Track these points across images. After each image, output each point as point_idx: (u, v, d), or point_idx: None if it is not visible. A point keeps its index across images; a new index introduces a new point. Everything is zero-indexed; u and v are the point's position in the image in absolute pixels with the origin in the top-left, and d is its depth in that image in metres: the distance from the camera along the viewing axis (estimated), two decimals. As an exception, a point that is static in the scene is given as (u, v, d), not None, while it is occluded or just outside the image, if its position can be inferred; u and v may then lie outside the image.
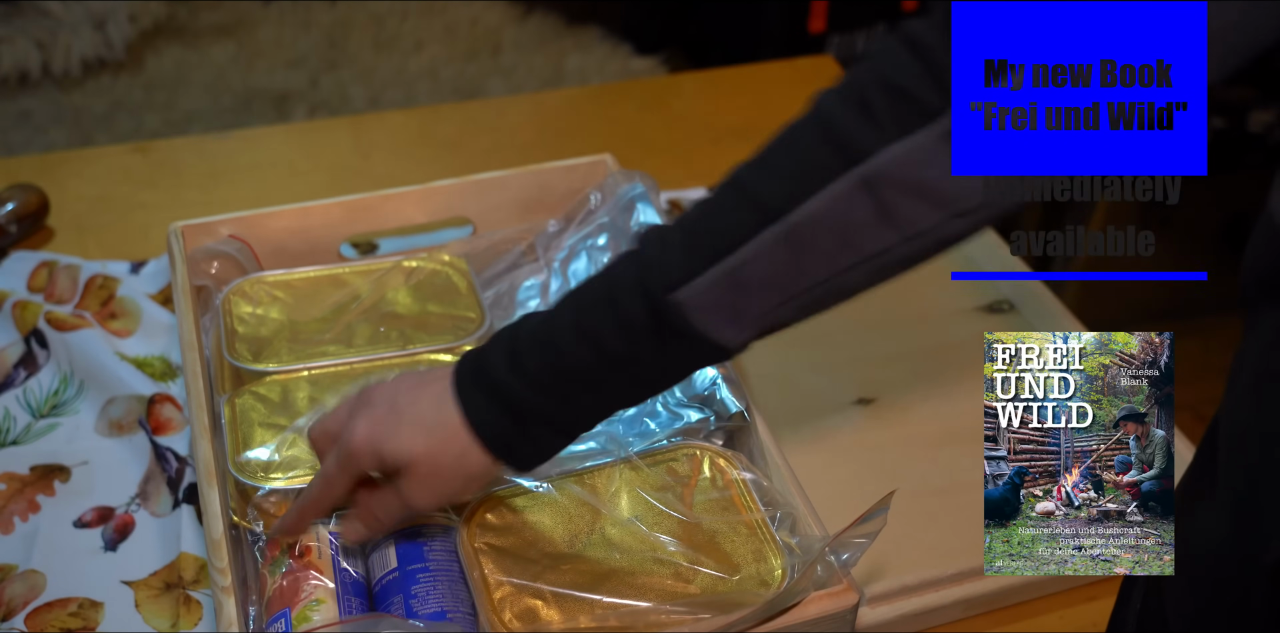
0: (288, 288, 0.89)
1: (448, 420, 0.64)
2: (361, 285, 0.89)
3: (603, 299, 0.62)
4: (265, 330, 0.85)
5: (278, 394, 0.80)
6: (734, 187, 0.61)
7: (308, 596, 0.68)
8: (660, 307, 0.60)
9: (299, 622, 0.67)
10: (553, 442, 0.66)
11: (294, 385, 0.81)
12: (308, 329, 0.85)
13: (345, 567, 0.71)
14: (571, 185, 0.97)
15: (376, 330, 0.85)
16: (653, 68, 2.40)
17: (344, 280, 0.90)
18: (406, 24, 2.44)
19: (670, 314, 0.60)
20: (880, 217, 0.57)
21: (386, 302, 0.88)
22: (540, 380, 0.63)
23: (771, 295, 0.60)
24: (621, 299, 0.61)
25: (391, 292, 0.89)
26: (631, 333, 0.61)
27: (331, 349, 0.84)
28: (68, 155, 1.23)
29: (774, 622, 0.66)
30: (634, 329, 0.61)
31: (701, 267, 0.60)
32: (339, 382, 0.81)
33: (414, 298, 0.88)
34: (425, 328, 0.86)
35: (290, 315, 0.86)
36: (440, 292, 0.89)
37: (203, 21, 2.41)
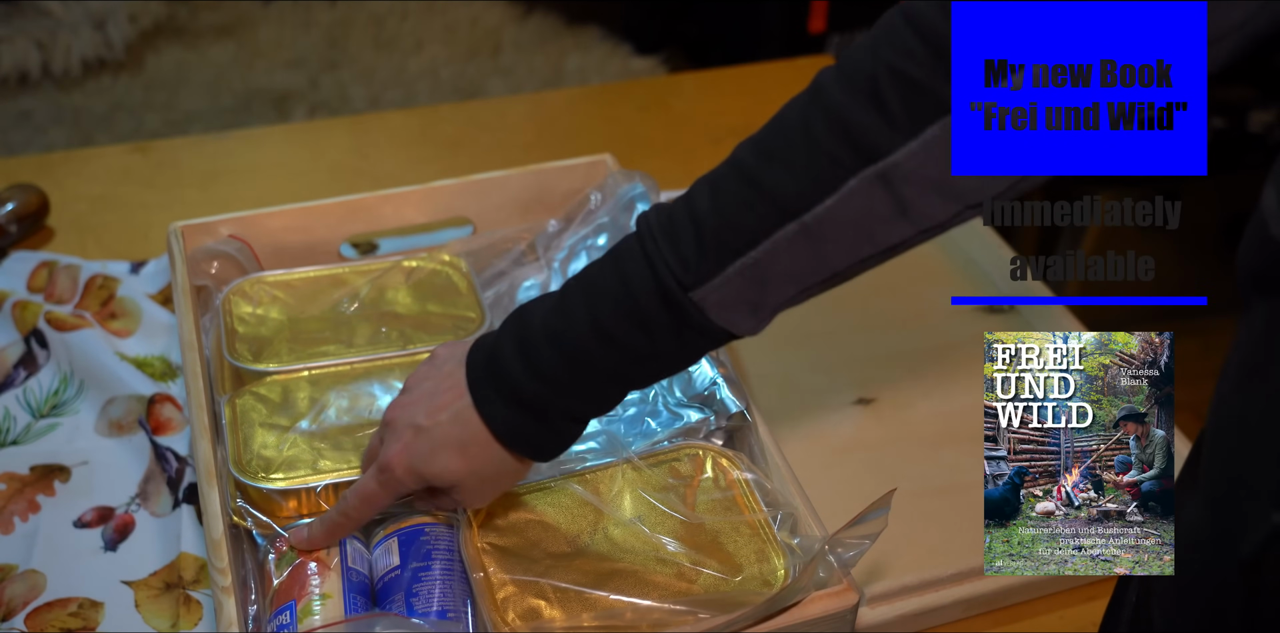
0: (288, 288, 0.89)
1: (475, 434, 0.64)
2: (361, 285, 0.89)
3: (617, 295, 0.62)
4: (265, 330, 0.85)
5: (278, 394, 0.80)
6: (746, 181, 0.60)
7: (313, 591, 0.68)
8: (680, 305, 0.60)
9: (303, 615, 0.67)
10: (573, 429, 0.66)
11: (294, 385, 0.81)
12: (308, 329, 0.85)
13: (351, 565, 0.71)
14: (571, 185, 0.97)
15: (377, 330, 0.85)
16: (653, 68, 2.40)
17: (344, 280, 0.90)
18: (406, 24, 2.44)
19: (690, 312, 0.60)
20: (898, 211, 0.58)
21: (386, 301, 0.88)
22: (559, 379, 0.63)
23: (789, 287, 0.61)
24: (638, 297, 0.61)
25: (391, 291, 0.89)
26: (650, 331, 0.61)
27: (331, 349, 0.84)
28: (68, 155, 1.23)
29: (774, 621, 0.66)
30: (653, 327, 0.61)
31: (720, 265, 0.60)
32: (339, 382, 0.81)
33: (414, 298, 0.88)
34: (425, 328, 0.86)
35: (290, 315, 0.86)
36: (440, 291, 0.89)
37: (203, 21, 2.41)
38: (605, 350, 0.62)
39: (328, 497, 0.74)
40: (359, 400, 0.80)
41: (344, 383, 0.81)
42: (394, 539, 0.72)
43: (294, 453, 0.76)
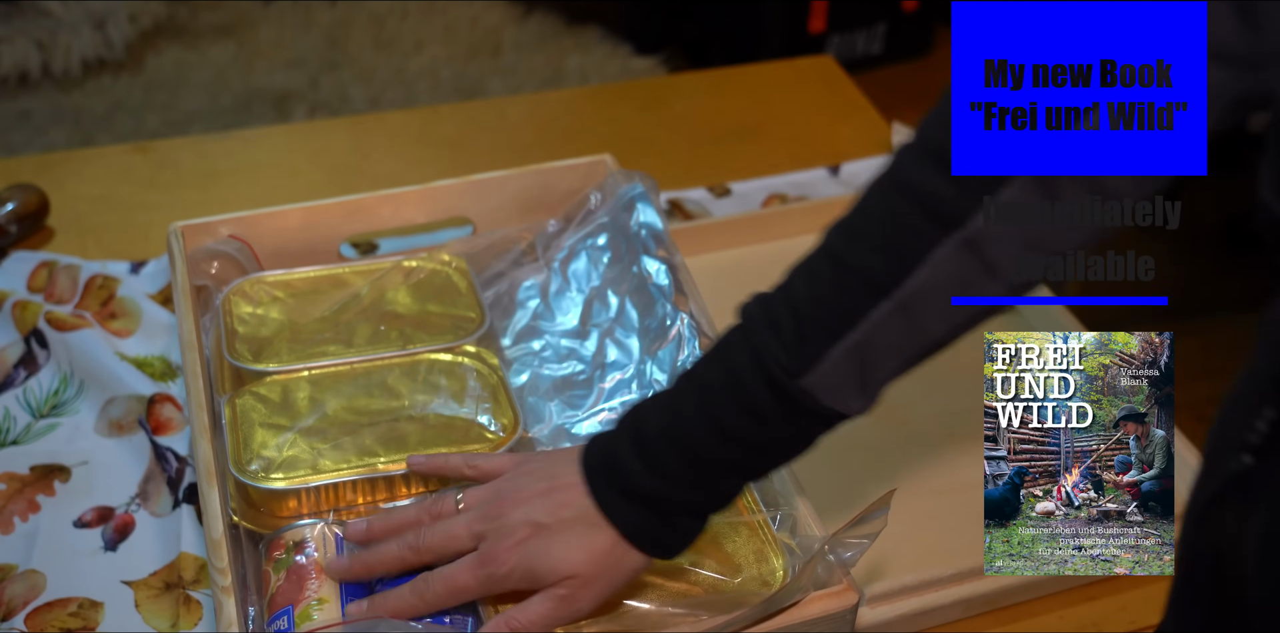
0: (287, 288, 0.89)
1: (596, 531, 0.64)
2: (361, 286, 0.89)
3: (728, 388, 0.62)
4: (265, 330, 0.85)
5: (278, 394, 0.80)
6: (836, 263, 0.61)
7: (310, 594, 0.68)
8: (790, 393, 0.61)
9: (301, 620, 0.67)
10: (695, 525, 0.66)
11: (294, 385, 0.81)
12: (308, 329, 0.85)
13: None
14: (571, 185, 0.97)
15: (377, 330, 0.85)
16: (653, 68, 2.40)
17: (344, 280, 0.90)
18: (406, 24, 2.45)
19: (801, 399, 0.61)
20: (987, 273, 0.58)
21: (386, 301, 0.88)
22: (682, 477, 0.63)
23: (893, 361, 0.62)
24: (748, 389, 0.61)
25: (391, 291, 0.89)
26: (764, 421, 0.62)
27: (332, 349, 0.84)
28: (68, 155, 1.23)
29: (774, 621, 0.66)
30: (767, 417, 0.62)
31: (822, 349, 0.60)
32: (339, 382, 0.81)
33: (414, 297, 0.88)
34: (425, 327, 0.86)
35: (290, 316, 0.86)
36: (440, 291, 0.89)
37: (203, 21, 2.41)
38: (722, 444, 0.62)
39: (328, 497, 0.74)
40: (359, 401, 0.80)
41: (344, 383, 0.81)
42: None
43: (294, 453, 0.76)
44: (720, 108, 1.30)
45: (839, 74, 1.34)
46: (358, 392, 0.80)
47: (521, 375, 0.86)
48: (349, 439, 0.77)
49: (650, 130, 1.26)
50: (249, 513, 0.74)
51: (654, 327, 0.84)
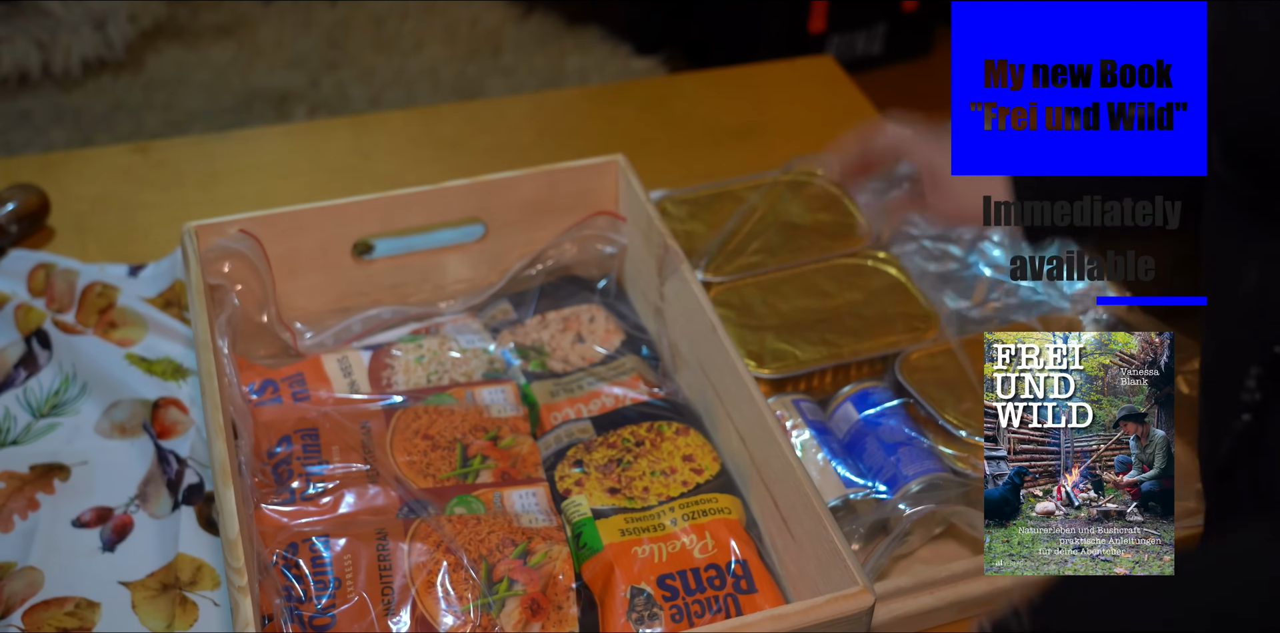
0: (692, 204, 1.07)
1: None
2: (753, 197, 1.06)
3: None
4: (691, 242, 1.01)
5: (737, 300, 0.97)
6: None
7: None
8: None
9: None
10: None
11: (746, 291, 0.98)
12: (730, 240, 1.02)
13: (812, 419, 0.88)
14: (582, 186, 0.97)
15: (787, 238, 1.02)
16: (653, 68, 2.40)
17: (739, 195, 1.07)
18: (406, 24, 2.44)
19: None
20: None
21: (780, 212, 1.05)
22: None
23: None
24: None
25: (783, 203, 1.05)
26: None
27: (757, 259, 1.00)
28: (68, 155, 1.23)
29: (789, 622, 0.65)
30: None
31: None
32: (781, 285, 0.99)
33: (805, 208, 1.05)
34: (828, 236, 1.04)
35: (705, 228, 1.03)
36: (828, 203, 1.06)
37: (203, 21, 2.41)
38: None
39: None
40: (799, 301, 0.98)
41: (785, 285, 0.99)
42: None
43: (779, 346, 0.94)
44: (720, 108, 1.30)
45: (839, 74, 1.34)
46: (796, 293, 0.98)
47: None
48: (810, 332, 0.94)
49: (650, 130, 1.26)
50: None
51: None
